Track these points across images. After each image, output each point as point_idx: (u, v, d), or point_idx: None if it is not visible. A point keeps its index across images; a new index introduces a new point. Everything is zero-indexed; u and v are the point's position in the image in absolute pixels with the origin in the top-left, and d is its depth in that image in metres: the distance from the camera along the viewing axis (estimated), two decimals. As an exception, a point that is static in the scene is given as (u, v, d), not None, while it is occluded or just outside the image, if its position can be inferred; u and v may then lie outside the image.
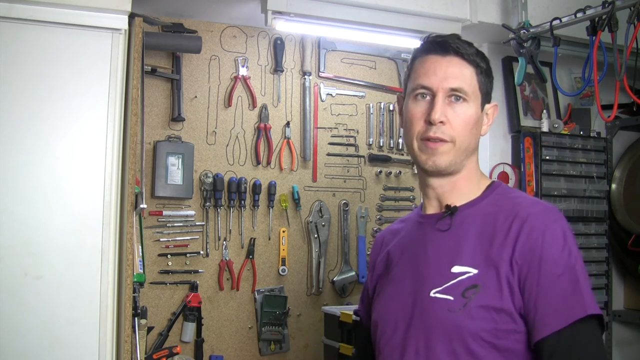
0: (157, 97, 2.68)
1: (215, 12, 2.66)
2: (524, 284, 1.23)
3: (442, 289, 1.28)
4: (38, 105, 1.88)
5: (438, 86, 1.32)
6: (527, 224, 1.25)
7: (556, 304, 1.20)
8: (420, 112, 1.34)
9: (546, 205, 1.33)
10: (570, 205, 2.89)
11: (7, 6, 1.83)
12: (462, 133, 1.33)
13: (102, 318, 1.88)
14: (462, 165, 1.36)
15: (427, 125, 1.33)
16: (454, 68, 1.33)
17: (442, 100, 1.32)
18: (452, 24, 2.60)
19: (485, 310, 1.23)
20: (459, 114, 1.32)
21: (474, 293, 1.24)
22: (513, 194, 1.38)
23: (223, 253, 2.75)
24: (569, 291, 1.21)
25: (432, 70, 1.34)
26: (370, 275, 1.56)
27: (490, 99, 1.41)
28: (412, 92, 1.36)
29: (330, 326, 2.65)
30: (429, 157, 1.34)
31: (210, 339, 2.72)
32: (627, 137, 3.21)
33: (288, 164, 2.89)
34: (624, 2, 2.19)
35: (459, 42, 1.35)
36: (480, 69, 1.36)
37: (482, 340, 1.23)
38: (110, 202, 1.92)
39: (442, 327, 1.26)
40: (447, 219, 1.36)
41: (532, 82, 3.04)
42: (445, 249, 1.33)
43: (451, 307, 1.25)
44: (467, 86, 1.33)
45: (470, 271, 1.27)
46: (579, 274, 1.23)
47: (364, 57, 3.06)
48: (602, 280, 3.00)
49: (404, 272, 1.40)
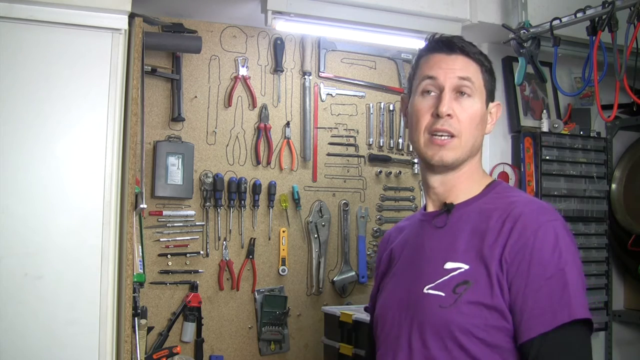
0: (157, 97, 2.68)
1: (215, 12, 2.66)
2: (511, 283, 1.22)
3: (434, 285, 1.29)
4: (38, 105, 1.88)
5: (445, 77, 1.34)
6: (519, 223, 1.24)
7: (542, 307, 1.19)
8: (427, 106, 1.35)
9: (542, 204, 1.32)
10: (570, 205, 2.89)
11: (7, 6, 1.83)
12: (468, 128, 1.34)
13: (102, 318, 1.88)
14: (467, 162, 1.37)
15: (434, 119, 1.34)
16: (460, 63, 1.35)
17: (449, 94, 1.33)
18: (452, 24, 2.60)
19: (475, 306, 1.23)
20: (466, 108, 1.34)
21: (465, 289, 1.24)
22: (510, 193, 1.38)
23: (223, 253, 2.75)
24: (556, 294, 1.20)
25: (437, 64, 1.35)
26: (377, 272, 1.58)
27: (493, 98, 1.43)
28: (418, 87, 1.38)
29: (330, 326, 2.65)
30: (436, 153, 1.34)
31: (210, 339, 2.72)
32: (627, 137, 3.21)
33: (288, 164, 2.89)
34: (624, 2, 2.19)
35: (463, 41, 1.37)
36: (485, 67, 1.38)
37: (473, 335, 1.23)
38: (110, 202, 1.92)
39: (433, 323, 1.26)
40: (444, 216, 1.37)
41: (532, 82, 3.04)
42: (441, 246, 1.34)
43: (442, 303, 1.26)
44: (474, 78, 1.35)
45: (462, 267, 1.27)
46: (568, 277, 1.21)
47: (364, 57, 3.07)
48: (602, 280, 3.00)
49: (404, 269, 1.41)
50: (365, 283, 2.99)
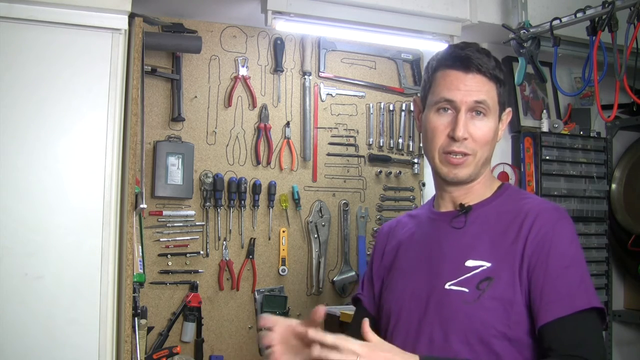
0: (157, 97, 2.68)
1: (215, 12, 2.66)
2: (532, 274, 1.29)
3: (457, 282, 1.34)
4: (38, 105, 1.88)
5: (461, 100, 1.36)
6: (537, 221, 1.32)
7: (561, 293, 1.26)
8: (443, 125, 1.38)
9: (555, 205, 1.41)
10: (570, 205, 2.89)
11: (7, 6, 1.84)
12: (482, 146, 1.39)
13: (102, 318, 1.88)
14: (480, 173, 1.43)
15: (449, 140, 1.37)
16: (477, 84, 1.37)
17: (464, 115, 1.36)
18: (452, 24, 2.60)
19: (498, 301, 1.29)
20: (480, 127, 1.37)
21: (488, 285, 1.30)
22: (523, 195, 1.47)
23: (223, 253, 2.75)
24: (575, 282, 1.27)
25: (454, 85, 1.37)
26: (377, 263, 1.58)
27: (506, 105, 1.45)
28: (435, 105, 1.40)
29: (330, 326, 2.63)
30: (451, 170, 1.40)
31: (210, 339, 2.72)
32: (627, 137, 3.21)
33: (288, 164, 2.89)
34: (624, 2, 2.19)
35: (480, 57, 1.38)
36: (500, 83, 1.41)
37: (495, 330, 1.28)
38: (110, 202, 1.92)
39: (457, 318, 1.31)
40: (462, 217, 1.42)
41: (532, 82, 3.04)
42: (460, 245, 1.39)
43: (466, 299, 1.31)
44: (489, 100, 1.38)
45: (484, 264, 1.33)
46: (584, 270, 1.30)
47: (364, 57, 3.06)
48: (602, 280, 2.99)
49: (417, 266, 1.44)
50: (365, 283, 2.99)
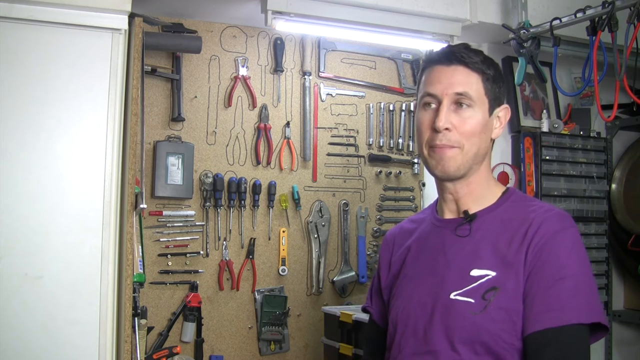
0: (157, 97, 2.68)
1: (215, 12, 2.66)
2: (527, 282, 1.28)
3: (462, 292, 1.33)
4: (38, 105, 1.88)
5: (443, 92, 1.36)
6: (540, 229, 1.30)
7: (551, 304, 1.25)
8: (428, 120, 1.39)
9: (560, 212, 1.37)
10: (570, 205, 2.89)
11: (7, 6, 1.83)
12: (469, 138, 1.37)
13: (102, 318, 1.88)
14: (474, 170, 1.41)
15: (433, 133, 1.37)
16: (459, 76, 1.37)
17: (447, 107, 1.36)
18: (452, 24, 2.60)
19: (504, 311, 1.28)
20: (465, 119, 1.36)
21: (494, 295, 1.29)
22: (528, 201, 1.43)
23: (223, 253, 2.75)
24: (565, 295, 1.25)
25: (436, 79, 1.38)
26: (385, 273, 1.57)
27: (501, 102, 1.44)
28: (421, 101, 1.42)
29: (330, 326, 2.65)
30: (437, 163, 1.38)
31: (210, 339, 2.72)
32: (627, 137, 3.21)
33: (288, 164, 2.89)
34: (624, 2, 2.19)
35: (464, 51, 1.38)
36: (487, 76, 1.39)
37: (503, 341, 1.27)
38: (110, 202, 1.92)
39: (463, 328, 1.30)
40: (466, 225, 1.40)
41: (532, 82, 3.04)
42: (464, 253, 1.37)
43: (472, 309, 1.30)
44: (472, 92, 1.36)
45: (489, 274, 1.32)
46: (580, 282, 1.27)
47: (364, 57, 3.06)
48: (602, 280, 2.99)
49: (422, 274, 1.43)
50: (365, 283, 2.99)
